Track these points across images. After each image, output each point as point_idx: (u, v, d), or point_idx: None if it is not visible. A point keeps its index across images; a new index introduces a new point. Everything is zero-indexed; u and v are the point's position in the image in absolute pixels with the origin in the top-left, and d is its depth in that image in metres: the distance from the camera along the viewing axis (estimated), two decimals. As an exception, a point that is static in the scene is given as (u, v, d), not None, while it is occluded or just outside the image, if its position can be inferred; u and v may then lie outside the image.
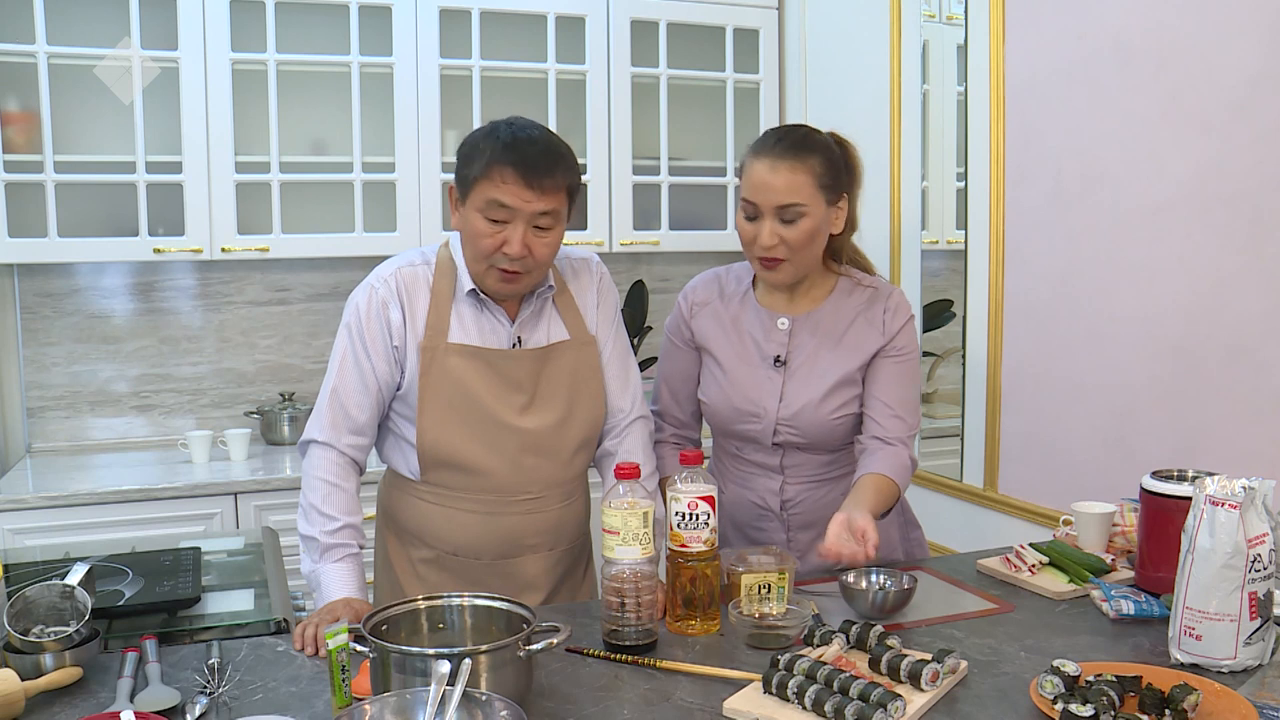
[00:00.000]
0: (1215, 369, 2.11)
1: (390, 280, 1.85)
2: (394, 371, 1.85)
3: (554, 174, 1.77)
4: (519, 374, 1.87)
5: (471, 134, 1.84)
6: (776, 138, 1.89)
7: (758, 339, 1.98)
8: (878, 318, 1.97)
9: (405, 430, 1.88)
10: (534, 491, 1.90)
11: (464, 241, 1.84)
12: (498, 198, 1.75)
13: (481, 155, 1.76)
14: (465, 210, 1.80)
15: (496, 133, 1.79)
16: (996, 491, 2.73)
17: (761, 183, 1.85)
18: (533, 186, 1.74)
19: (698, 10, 3.58)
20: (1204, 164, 2.11)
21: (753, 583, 1.68)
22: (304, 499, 1.84)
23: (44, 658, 1.46)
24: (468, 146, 1.81)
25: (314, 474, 1.84)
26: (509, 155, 1.75)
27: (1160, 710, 1.32)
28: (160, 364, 3.42)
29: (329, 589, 1.75)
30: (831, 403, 1.94)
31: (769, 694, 1.40)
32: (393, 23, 3.25)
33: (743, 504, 2.03)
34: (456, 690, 1.25)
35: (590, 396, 1.94)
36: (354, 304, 1.87)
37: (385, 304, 1.84)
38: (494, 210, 1.75)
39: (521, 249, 1.76)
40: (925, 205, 3.05)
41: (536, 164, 1.75)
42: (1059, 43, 2.45)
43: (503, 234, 1.76)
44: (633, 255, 3.81)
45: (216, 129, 3.10)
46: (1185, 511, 1.56)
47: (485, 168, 1.75)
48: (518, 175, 1.74)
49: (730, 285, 2.05)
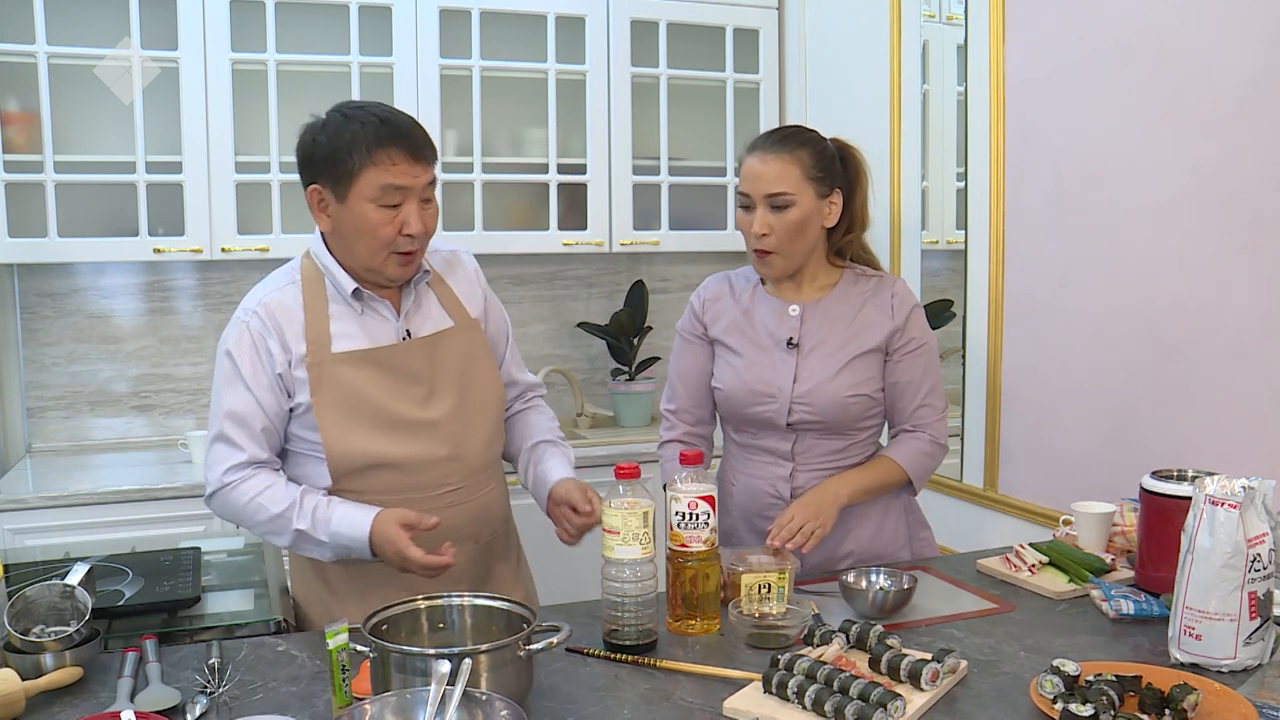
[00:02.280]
0: (1215, 369, 2.11)
1: (259, 311, 1.80)
2: (281, 400, 1.80)
3: (429, 143, 1.77)
4: (414, 365, 1.83)
5: (318, 131, 1.76)
6: (769, 134, 2.01)
7: (770, 325, 2.04)
8: (885, 303, 2.03)
9: (310, 448, 1.83)
10: (453, 483, 1.87)
11: (351, 240, 1.77)
12: (392, 181, 1.71)
13: (357, 145, 1.70)
14: (348, 206, 1.73)
15: (357, 120, 1.73)
16: (996, 491, 2.73)
17: (753, 173, 1.96)
18: (419, 160, 1.73)
19: (698, 10, 3.58)
20: (1204, 164, 2.11)
21: (753, 583, 1.68)
22: (258, 529, 1.79)
23: (44, 657, 1.46)
24: (326, 143, 1.73)
25: (240, 505, 1.78)
26: (390, 135, 1.71)
27: (1160, 710, 1.33)
28: (160, 364, 3.42)
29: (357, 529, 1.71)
30: (845, 379, 1.98)
31: (769, 694, 1.40)
32: (393, 23, 3.25)
33: (753, 493, 2.05)
34: (457, 690, 1.25)
35: (485, 381, 1.92)
36: (226, 344, 1.82)
37: (261, 337, 1.79)
38: (389, 195, 1.71)
39: (420, 225, 1.75)
40: (925, 205, 3.05)
41: (415, 138, 1.74)
42: (1059, 43, 2.45)
43: (399, 216, 1.73)
44: (633, 255, 3.81)
45: (216, 129, 3.10)
46: (1185, 511, 1.57)
47: (369, 155, 1.70)
48: (404, 153, 1.71)
49: (740, 282, 2.12)
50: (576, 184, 3.50)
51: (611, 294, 3.86)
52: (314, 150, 1.76)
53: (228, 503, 1.81)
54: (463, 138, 3.42)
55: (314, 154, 1.76)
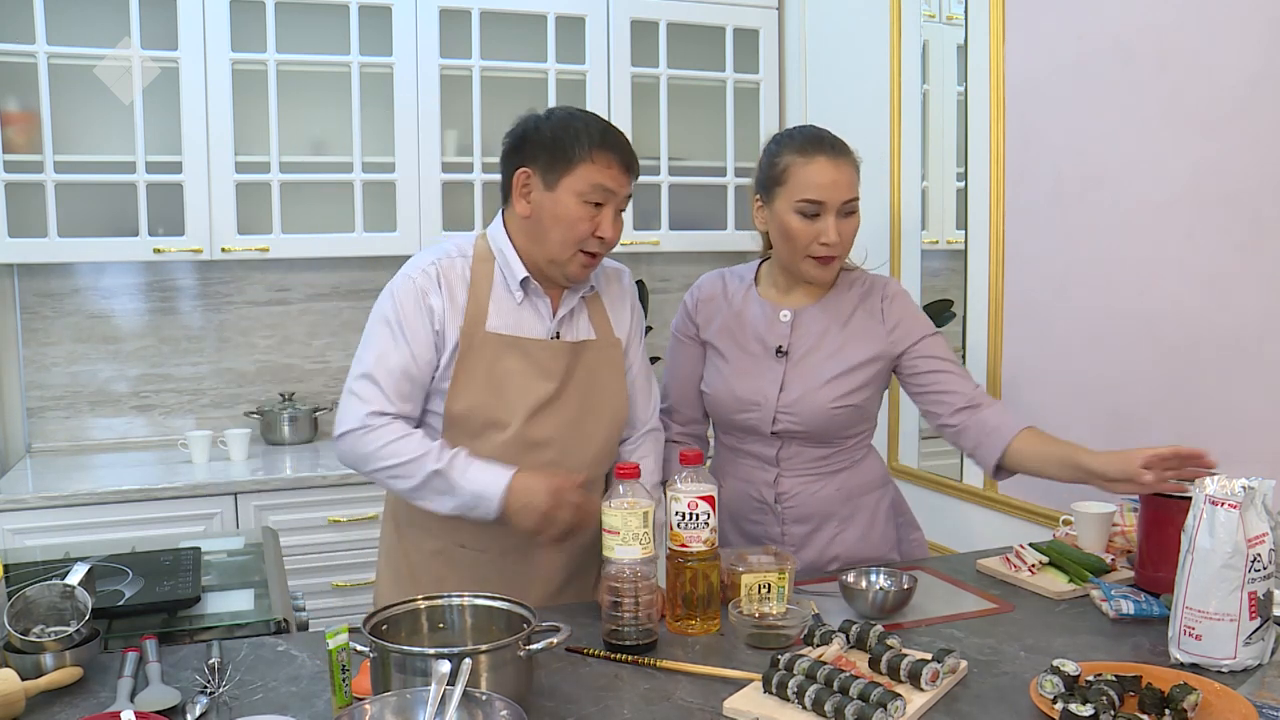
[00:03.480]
0: (1215, 369, 2.11)
1: (430, 270, 1.85)
2: (434, 357, 1.84)
3: (637, 160, 1.87)
4: (553, 364, 1.87)
5: (542, 121, 1.83)
6: (823, 136, 1.94)
7: (760, 331, 2.02)
8: (876, 307, 2.01)
9: (432, 419, 1.87)
10: None
11: (546, 226, 1.81)
12: (602, 182, 1.79)
13: (581, 141, 1.79)
14: (555, 194, 1.80)
15: (581, 120, 1.82)
16: (996, 491, 2.73)
17: (829, 181, 1.90)
18: (629, 171, 1.84)
19: (698, 10, 3.58)
20: (1204, 164, 2.11)
21: (753, 583, 1.68)
22: (384, 475, 1.80)
23: (44, 657, 1.46)
24: (551, 132, 1.80)
25: (372, 450, 1.79)
26: (610, 141, 1.81)
27: (1160, 710, 1.33)
28: (160, 364, 3.42)
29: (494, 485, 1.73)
30: (831, 391, 1.96)
31: (769, 694, 1.40)
32: (393, 23, 3.25)
33: (740, 497, 2.04)
34: (457, 690, 1.25)
35: (613, 396, 1.95)
36: (390, 294, 1.85)
37: (425, 292, 1.83)
38: (596, 194, 1.79)
39: (613, 232, 1.82)
40: (925, 205, 3.05)
41: (628, 151, 1.84)
42: (1059, 43, 2.45)
43: (598, 217, 1.80)
44: (633, 255, 3.80)
45: (216, 129, 3.10)
46: (1185, 511, 1.57)
47: (591, 153, 1.78)
48: (618, 160, 1.81)
49: (734, 282, 2.10)
50: (576, 184, 3.50)
51: (611, 294, 3.86)
52: (535, 135, 1.82)
53: (359, 445, 1.81)
54: (463, 138, 3.42)
55: (534, 138, 1.82)
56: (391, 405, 1.82)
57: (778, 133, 2.03)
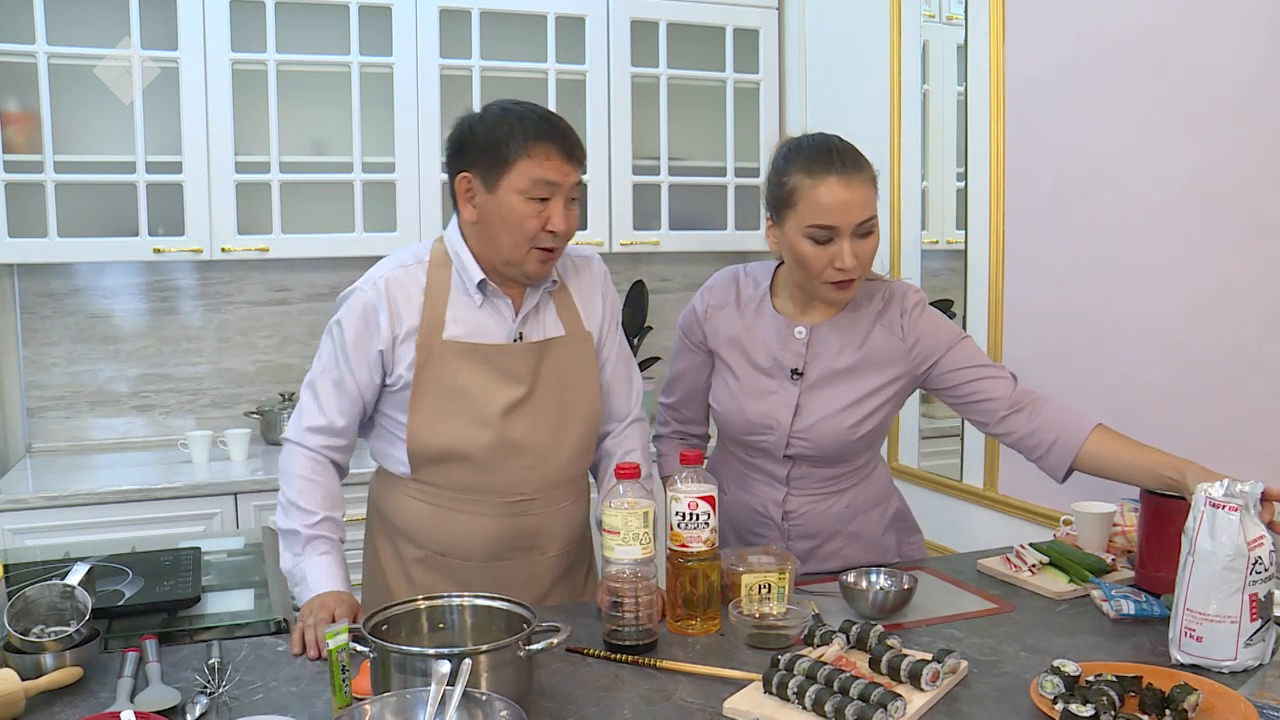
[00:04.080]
0: (1215, 369, 2.11)
1: (380, 284, 1.83)
2: (374, 377, 1.84)
3: (581, 146, 1.80)
4: (518, 368, 1.84)
5: (476, 121, 1.79)
6: (834, 152, 1.80)
7: (774, 349, 1.93)
8: (895, 322, 1.91)
9: (395, 428, 1.87)
10: (527, 493, 1.87)
11: (495, 229, 1.78)
12: (544, 175, 1.74)
13: (514, 137, 1.74)
14: (497, 196, 1.76)
15: (516, 114, 1.77)
16: (996, 491, 2.73)
17: (841, 202, 1.76)
18: (571, 160, 1.77)
19: (698, 10, 3.58)
20: (1204, 164, 2.11)
21: (753, 583, 1.68)
22: (282, 495, 1.84)
23: (44, 658, 1.46)
24: (484, 133, 1.76)
25: (290, 470, 1.85)
26: (547, 132, 1.75)
27: (1160, 710, 1.32)
28: (160, 364, 3.42)
29: (315, 582, 1.74)
30: (848, 417, 1.90)
31: (769, 694, 1.40)
32: (393, 23, 3.25)
33: (743, 508, 2.02)
34: (457, 690, 1.25)
35: (586, 393, 1.92)
36: (341, 307, 1.86)
37: (375, 309, 1.82)
38: (539, 189, 1.74)
39: (565, 224, 1.77)
40: (925, 205, 3.05)
41: (570, 138, 1.78)
42: (1059, 43, 2.45)
43: (546, 212, 1.76)
44: (633, 255, 3.81)
45: (216, 129, 3.10)
46: (1185, 512, 1.57)
47: (525, 147, 1.73)
48: (559, 151, 1.75)
49: (748, 289, 1.99)
50: (576, 184, 3.50)
51: (611, 294, 3.86)
52: (470, 138, 1.78)
53: (284, 456, 1.87)
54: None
55: (470, 142, 1.78)
56: (324, 418, 1.85)
57: (785, 142, 1.88)
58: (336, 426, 1.85)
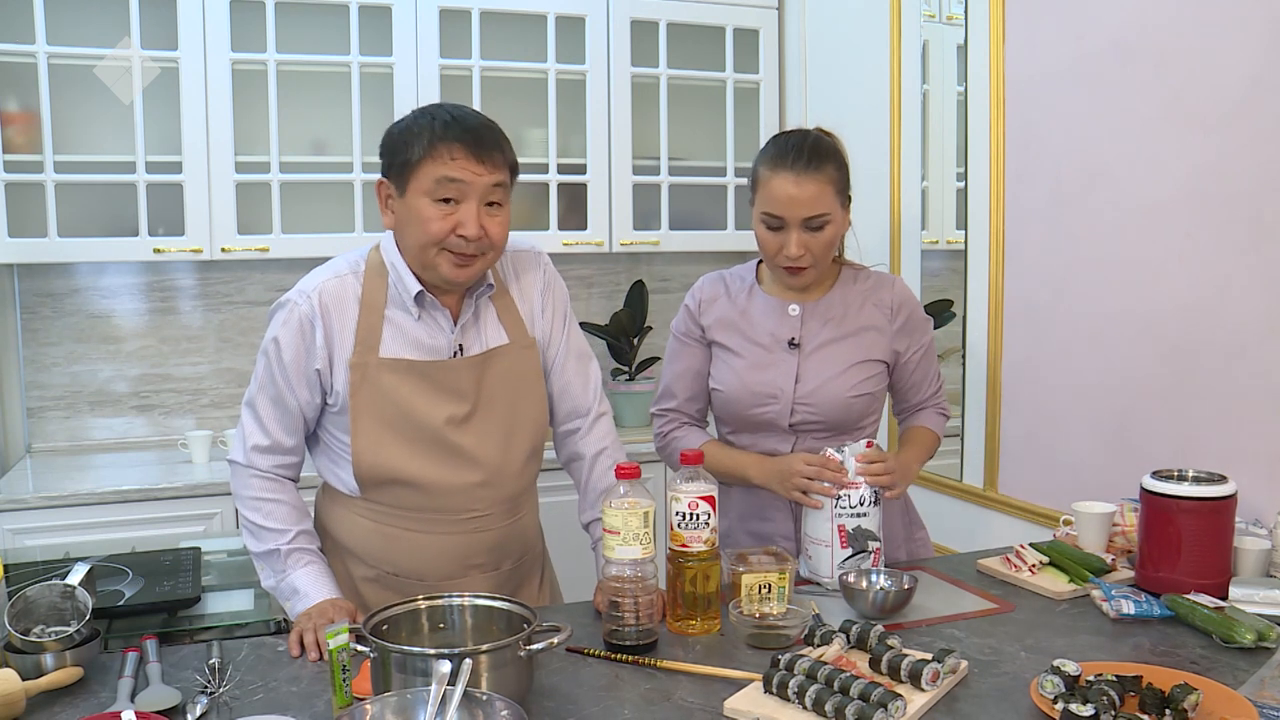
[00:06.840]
0: (1215, 369, 2.11)
1: (314, 296, 1.76)
2: (314, 395, 1.78)
3: (500, 147, 1.73)
4: (459, 383, 1.78)
5: (395, 125, 1.76)
6: (793, 149, 1.90)
7: (770, 325, 2.02)
8: (885, 303, 2.04)
9: (340, 448, 1.80)
10: (479, 509, 1.82)
11: (407, 234, 1.73)
12: (448, 174, 1.67)
13: (420, 137, 1.68)
14: (407, 199, 1.71)
15: (430, 115, 1.72)
16: (996, 491, 2.73)
17: (787, 197, 1.88)
18: (483, 159, 1.69)
19: (698, 10, 3.58)
20: (1204, 164, 2.11)
21: (753, 583, 1.68)
22: (245, 521, 1.79)
23: (44, 658, 1.46)
24: (397, 136, 1.73)
25: (246, 495, 1.80)
26: (454, 131, 1.69)
27: (1160, 710, 1.33)
28: (160, 364, 3.42)
29: (308, 593, 1.71)
30: (848, 379, 1.99)
31: (769, 694, 1.40)
32: (393, 23, 3.25)
33: (751, 495, 2.03)
34: (457, 690, 1.25)
35: (533, 404, 1.87)
36: (275, 323, 1.78)
37: (310, 323, 1.75)
38: (444, 188, 1.68)
39: (478, 228, 1.69)
40: (925, 205, 3.05)
41: (482, 136, 1.71)
42: (1059, 43, 2.45)
43: (455, 215, 1.69)
44: (633, 255, 3.81)
45: (216, 129, 3.10)
46: (1185, 512, 1.57)
47: (429, 147, 1.67)
48: (466, 149, 1.68)
49: (735, 283, 2.10)
50: (576, 184, 3.50)
51: (611, 294, 3.86)
52: (386, 142, 1.75)
53: (236, 481, 1.83)
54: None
55: (385, 146, 1.75)
56: (268, 438, 1.80)
57: (775, 134, 2.02)
58: (285, 445, 1.80)
